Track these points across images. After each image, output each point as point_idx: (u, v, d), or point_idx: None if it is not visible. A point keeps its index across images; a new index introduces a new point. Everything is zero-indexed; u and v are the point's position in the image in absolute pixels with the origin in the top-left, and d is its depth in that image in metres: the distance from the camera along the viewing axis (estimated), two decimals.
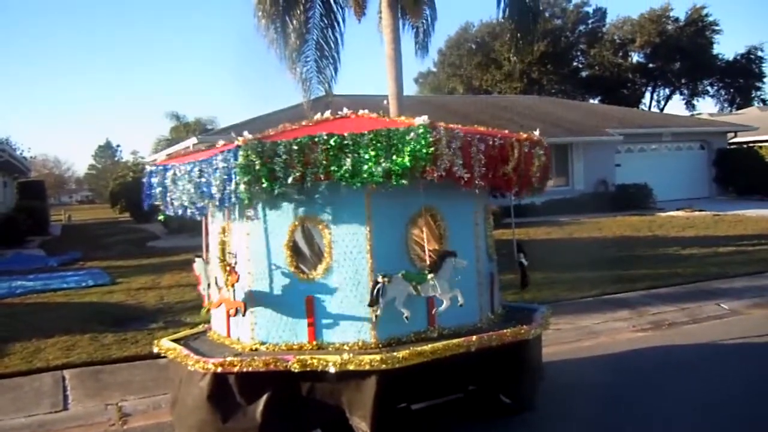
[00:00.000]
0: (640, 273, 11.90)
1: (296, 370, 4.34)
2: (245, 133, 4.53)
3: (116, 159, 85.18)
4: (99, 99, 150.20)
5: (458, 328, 4.83)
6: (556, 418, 5.52)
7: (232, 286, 4.85)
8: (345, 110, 5.35)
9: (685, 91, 54.62)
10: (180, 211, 5.08)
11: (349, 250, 4.60)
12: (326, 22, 14.60)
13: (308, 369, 4.33)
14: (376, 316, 4.56)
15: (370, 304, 4.52)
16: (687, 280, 11.21)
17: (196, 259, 5.72)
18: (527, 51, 19.94)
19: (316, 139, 4.38)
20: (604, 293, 10.60)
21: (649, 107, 53.45)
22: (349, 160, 4.32)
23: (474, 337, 4.59)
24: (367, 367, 4.23)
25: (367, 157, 4.32)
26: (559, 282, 10.86)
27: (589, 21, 52.84)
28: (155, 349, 5.45)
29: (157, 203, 5.16)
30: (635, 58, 53.17)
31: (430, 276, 4.59)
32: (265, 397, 4.47)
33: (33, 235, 24.85)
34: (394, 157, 4.32)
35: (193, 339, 5.44)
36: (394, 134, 4.39)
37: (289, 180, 4.38)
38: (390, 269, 4.59)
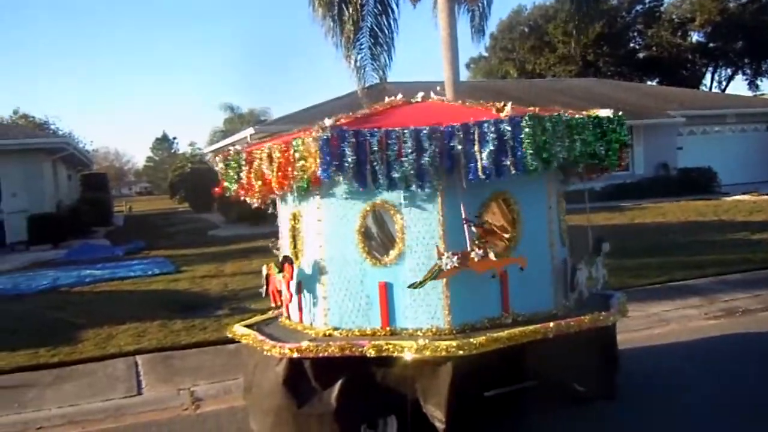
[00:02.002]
0: (708, 259, 11.55)
1: (371, 356, 4.33)
2: (326, 120, 4.51)
3: (173, 151, 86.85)
4: (155, 93, 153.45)
5: (533, 315, 4.74)
6: (633, 408, 5.40)
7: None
8: (419, 95, 5.29)
9: (748, 71, 52.57)
10: (385, 182, 4.51)
11: (421, 235, 4.56)
12: (380, 8, 14.54)
13: (384, 354, 4.31)
14: (572, 300, 5.09)
15: (571, 290, 5.12)
16: (758, 266, 10.81)
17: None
18: (586, 33, 19.49)
19: (575, 120, 4.78)
20: (671, 280, 10.34)
21: (710, 88, 51.73)
22: (578, 143, 4.76)
23: (551, 324, 4.51)
24: (444, 354, 4.18)
25: (591, 140, 4.84)
26: (624, 268, 10.61)
27: (647, 0, 51.32)
28: (228, 335, 5.51)
29: (338, 173, 4.49)
30: (695, 37, 51.42)
31: (598, 259, 5.28)
32: (339, 382, 4.47)
33: (97, 226, 25.61)
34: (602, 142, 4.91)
35: (266, 324, 5.48)
36: (605, 121, 4.96)
37: (561, 155, 4.62)
38: None
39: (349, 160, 4.38)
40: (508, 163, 4.41)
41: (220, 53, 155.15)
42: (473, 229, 4.56)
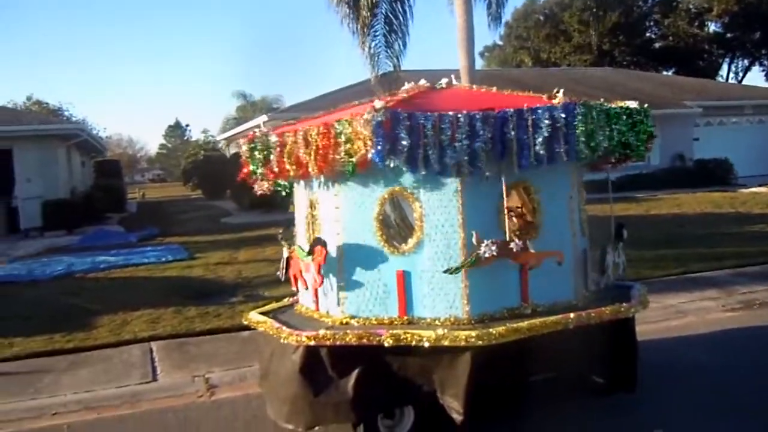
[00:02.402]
0: (726, 251, 11.45)
1: (389, 345, 4.29)
2: (376, 102, 4.39)
3: (185, 138, 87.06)
4: (168, 80, 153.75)
5: (552, 305, 4.67)
6: (650, 400, 5.34)
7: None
8: (443, 81, 5.20)
9: (765, 62, 51.92)
10: (437, 167, 4.35)
11: (440, 223, 4.49)
12: None
13: (401, 344, 4.26)
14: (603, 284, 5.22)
15: (602, 273, 5.26)
16: None
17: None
18: (603, 22, 19.33)
19: (613, 110, 4.85)
20: (688, 271, 10.28)
21: (727, 79, 51.15)
22: (615, 132, 4.82)
23: (572, 314, 4.44)
24: (462, 343, 4.13)
25: (624, 129, 4.90)
26: (641, 260, 10.51)
27: None
28: (244, 322, 5.48)
29: (391, 157, 4.27)
30: (712, 27, 50.82)
31: (620, 245, 5.38)
32: (356, 371, 4.43)
33: (111, 212, 25.72)
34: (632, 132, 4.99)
35: (281, 312, 5.45)
36: (634, 112, 5.04)
37: (603, 144, 4.67)
38: None
39: (404, 143, 4.22)
40: (561, 150, 4.38)
41: (234, 41, 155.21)
42: (514, 219, 4.52)
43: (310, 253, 4.81)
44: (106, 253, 14.77)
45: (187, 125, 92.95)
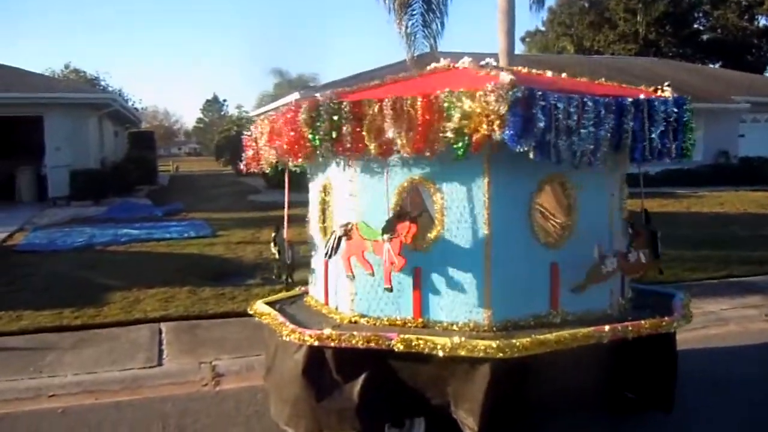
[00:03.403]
0: None
1: (399, 350, 3.87)
2: (503, 74, 3.86)
3: (222, 113, 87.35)
4: (208, 54, 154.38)
5: (584, 314, 4.20)
6: (686, 417, 4.86)
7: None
8: (490, 60, 4.66)
9: None
10: (566, 155, 3.92)
11: (464, 218, 4.03)
12: None
13: (413, 350, 3.84)
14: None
15: (656, 257, 4.69)
16: None
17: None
18: (651, 10, 18.55)
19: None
20: (730, 275, 9.69)
21: None
22: None
23: (606, 328, 3.95)
24: (481, 355, 3.69)
25: None
26: (679, 260, 9.95)
27: None
28: (250, 312, 5.11)
29: (524, 141, 3.72)
30: (762, 21, 49.12)
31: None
32: (363, 376, 4.03)
33: (141, 185, 25.67)
34: None
35: (289, 303, 5.06)
36: None
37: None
38: (509, 242, 4.03)
39: (540, 125, 3.71)
40: (672, 146, 4.16)
41: (276, 18, 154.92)
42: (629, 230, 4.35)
43: (389, 230, 4.04)
44: (130, 226, 14.62)
45: (225, 100, 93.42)
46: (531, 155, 3.71)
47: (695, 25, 50.68)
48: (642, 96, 4.15)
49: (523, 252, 4.08)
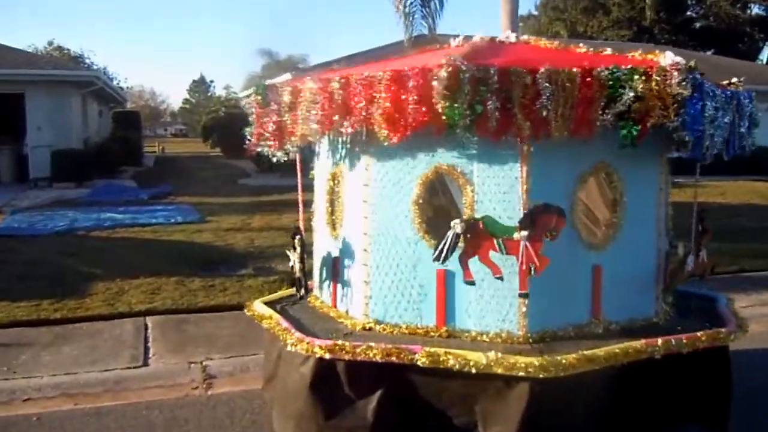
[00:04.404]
0: None
1: (423, 365, 3.37)
2: (668, 53, 3.53)
3: (209, 94, 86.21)
4: (195, 34, 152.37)
5: (628, 323, 3.74)
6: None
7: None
8: (509, 34, 4.12)
9: None
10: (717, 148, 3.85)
11: (497, 214, 3.53)
12: None
13: (440, 366, 3.34)
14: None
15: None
16: None
17: None
18: None
19: None
20: (742, 270, 9.26)
21: (766, 64, 49.24)
22: None
23: (659, 341, 3.47)
24: (521, 373, 3.20)
25: None
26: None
27: None
28: (247, 313, 4.59)
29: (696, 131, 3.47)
30: (755, 10, 48.79)
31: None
32: (379, 392, 3.53)
33: (126, 166, 24.93)
34: None
35: (291, 303, 4.54)
36: None
37: None
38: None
39: (711, 113, 3.51)
40: (749, 140, 4.08)
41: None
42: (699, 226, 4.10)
43: (529, 225, 3.48)
44: (114, 210, 14.07)
45: (212, 81, 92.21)
46: (685, 149, 3.51)
47: (688, 13, 50.29)
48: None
49: (563, 253, 3.58)
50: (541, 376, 3.16)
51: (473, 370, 3.26)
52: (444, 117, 3.34)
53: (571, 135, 3.36)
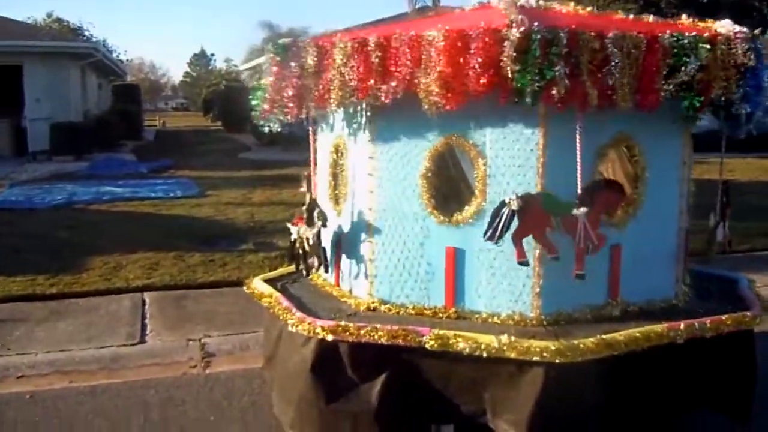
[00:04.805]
0: None
1: (432, 349, 3.19)
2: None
3: (210, 68, 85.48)
4: (195, 5, 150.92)
5: (647, 305, 3.54)
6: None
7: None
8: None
9: None
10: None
11: (510, 188, 3.29)
12: None
13: (449, 350, 3.15)
14: None
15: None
16: None
17: None
18: None
19: None
20: (753, 249, 9.04)
21: None
22: None
23: (682, 325, 3.27)
24: (536, 358, 3.01)
25: None
26: (697, 231, 9.29)
27: None
28: (246, 290, 4.40)
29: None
30: None
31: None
32: (384, 376, 3.35)
33: (126, 139, 24.68)
34: None
35: (292, 281, 4.35)
36: None
37: None
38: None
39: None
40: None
41: None
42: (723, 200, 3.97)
43: (587, 202, 3.25)
44: (113, 183, 13.88)
45: (212, 54, 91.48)
46: (736, 123, 3.47)
47: None
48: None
49: None
50: (557, 361, 2.98)
51: (484, 354, 3.07)
52: (514, 83, 3.06)
53: (636, 106, 3.15)
